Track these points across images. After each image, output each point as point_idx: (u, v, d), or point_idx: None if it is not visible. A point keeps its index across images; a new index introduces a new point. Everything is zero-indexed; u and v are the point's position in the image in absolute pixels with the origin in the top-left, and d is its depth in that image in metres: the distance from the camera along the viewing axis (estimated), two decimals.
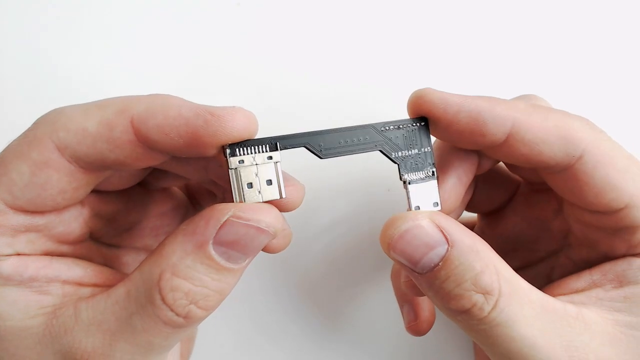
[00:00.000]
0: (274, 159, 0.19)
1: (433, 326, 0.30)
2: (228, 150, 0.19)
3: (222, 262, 0.18)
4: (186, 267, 0.18)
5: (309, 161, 0.22)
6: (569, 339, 0.19)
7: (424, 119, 0.21)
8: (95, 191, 0.21)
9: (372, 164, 0.30)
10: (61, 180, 0.18)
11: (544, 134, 0.20)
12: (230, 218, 0.18)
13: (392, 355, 0.31)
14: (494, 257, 0.19)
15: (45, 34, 0.31)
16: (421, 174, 0.21)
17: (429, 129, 0.21)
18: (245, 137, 0.19)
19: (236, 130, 0.18)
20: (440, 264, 0.19)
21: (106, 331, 0.18)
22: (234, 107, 0.18)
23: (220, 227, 0.18)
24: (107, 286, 0.20)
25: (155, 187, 0.25)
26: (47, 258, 0.20)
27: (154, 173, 0.24)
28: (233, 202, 0.19)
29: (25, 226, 0.19)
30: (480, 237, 0.20)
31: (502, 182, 0.26)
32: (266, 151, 0.19)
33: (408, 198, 0.21)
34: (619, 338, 0.19)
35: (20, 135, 0.19)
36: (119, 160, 0.19)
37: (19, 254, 0.19)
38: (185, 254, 0.18)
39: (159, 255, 0.18)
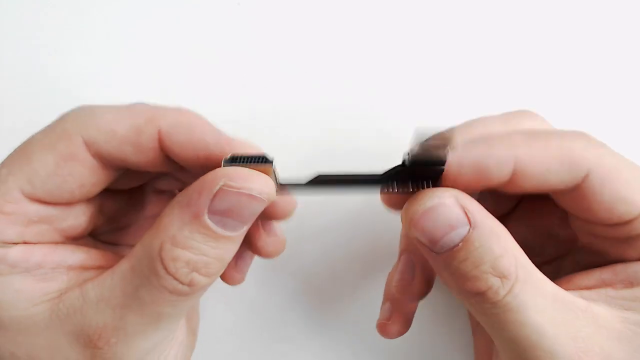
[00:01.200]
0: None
1: (432, 327, 0.29)
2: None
3: (219, 230, 0.18)
4: (184, 237, 0.18)
5: (309, 160, 0.22)
6: (576, 330, 0.19)
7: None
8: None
9: (373, 164, 0.30)
10: (83, 174, 0.19)
11: (546, 164, 0.20)
12: (223, 187, 0.18)
13: (393, 355, 0.31)
14: (513, 243, 0.20)
15: (44, 34, 0.31)
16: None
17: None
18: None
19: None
20: (460, 244, 0.19)
21: (115, 306, 0.19)
22: (244, 143, 0.20)
23: (212, 198, 0.18)
24: (111, 267, 0.20)
25: (154, 188, 0.25)
26: (52, 245, 0.20)
27: (156, 176, 0.24)
28: None
29: (39, 217, 0.19)
30: None
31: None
32: (260, 162, 0.20)
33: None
34: (627, 335, 0.19)
35: (47, 128, 0.20)
36: (139, 163, 0.20)
37: (25, 243, 0.19)
38: (182, 225, 0.18)
39: (158, 227, 0.19)
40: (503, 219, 0.26)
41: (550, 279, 0.25)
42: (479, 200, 0.25)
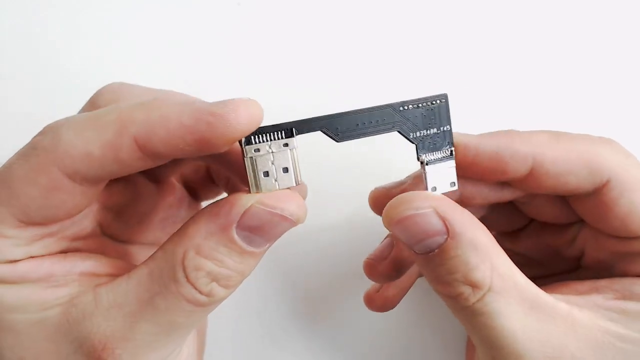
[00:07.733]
0: (290, 146, 0.19)
1: (425, 327, 0.30)
2: (243, 140, 0.19)
3: (244, 245, 0.18)
4: (209, 248, 0.18)
5: (308, 160, 0.22)
6: (547, 337, 0.19)
7: (443, 95, 0.20)
8: None
9: (372, 161, 0.30)
10: (74, 197, 0.18)
11: (568, 165, 0.20)
12: (254, 204, 0.18)
13: (391, 355, 0.31)
14: (492, 253, 0.19)
15: (45, 28, 0.31)
16: (439, 154, 0.21)
17: (448, 106, 0.21)
18: (254, 128, 0.18)
19: (242, 125, 0.18)
20: (436, 251, 0.19)
21: (127, 313, 0.18)
22: (234, 100, 0.18)
23: (244, 213, 0.18)
24: (122, 275, 0.20)
25: (159, 176, 0.25)
26: (60, 255, 0.20)
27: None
28: (247, 189, 0.19)
29: (41, 235, 0.19)
30: None
31: (518, 211, 0.26)
32: (282, 137, 0.19)
33: (425, 179, 0.20)
34: (606, 347, 0.19)
35: (21, 157, 0.18)
36: (129, 171, 0.19)
37: (32, 257, 0.19)
38: (209, 235, 0.18)
39: (183, 234, 0.19)
40: (515, 233, 0.26)
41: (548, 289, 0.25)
42: (491, 214, 0.25)
